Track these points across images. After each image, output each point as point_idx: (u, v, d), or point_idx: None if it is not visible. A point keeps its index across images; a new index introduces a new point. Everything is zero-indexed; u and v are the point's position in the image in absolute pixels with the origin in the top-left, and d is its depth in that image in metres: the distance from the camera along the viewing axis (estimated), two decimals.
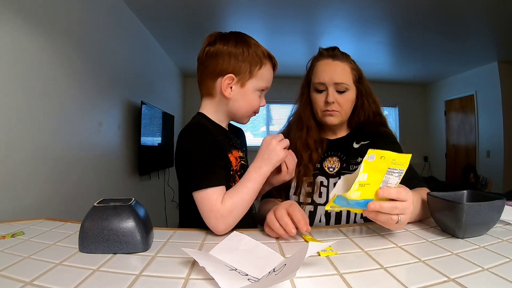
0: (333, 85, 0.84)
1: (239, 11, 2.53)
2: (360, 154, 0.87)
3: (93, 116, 1.83)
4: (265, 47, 0.75)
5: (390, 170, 0.56)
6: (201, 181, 0.62)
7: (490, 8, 2.36)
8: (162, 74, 3.41)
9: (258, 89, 0.74)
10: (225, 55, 0.70)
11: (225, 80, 0.70)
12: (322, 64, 0.87)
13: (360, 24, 2.78)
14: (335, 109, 0.85)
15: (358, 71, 0.88)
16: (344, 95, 0.85)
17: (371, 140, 0.89)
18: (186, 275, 0.43)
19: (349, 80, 0.85)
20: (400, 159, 0.55)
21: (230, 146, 0.74)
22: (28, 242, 0.56)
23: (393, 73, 4.48)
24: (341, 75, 0.84)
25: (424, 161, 5.09)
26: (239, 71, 0.70)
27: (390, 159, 0.55)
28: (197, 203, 0.63)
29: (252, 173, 0.66)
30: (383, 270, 0.44)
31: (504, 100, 3.70)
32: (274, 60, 0.76)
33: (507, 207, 0.67)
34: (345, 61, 0.86)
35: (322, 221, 0.83)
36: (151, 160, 2.69)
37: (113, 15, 2.12)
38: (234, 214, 0.62)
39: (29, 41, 1.28)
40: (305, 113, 0.92)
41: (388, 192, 0.55)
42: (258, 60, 0.71)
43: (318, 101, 0.87)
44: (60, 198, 1.46)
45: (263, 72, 0.73)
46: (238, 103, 0.73)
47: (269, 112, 4.91)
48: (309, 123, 0.91)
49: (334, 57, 0.86)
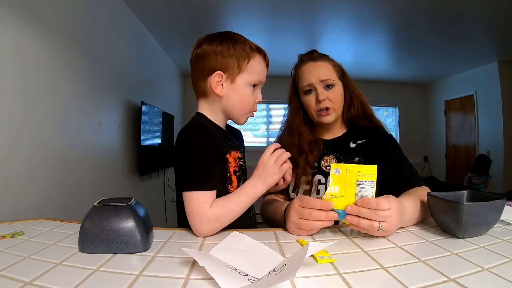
0: (320, 83, 0.88)
1: (239, 11, 2.53)
2: (356, 153, 0.88)
3: (93, 116, 1.83)
4: (254, 42, 0.74)
5: (360, 183, 0.58)
6: (193, 182, 0.62)
7: (490, 8, 2.36)
8: (162, 74, 3.41)
9: (250, 84, 0.73)
10: (212, 53, 0.70)
11: (214, 77, 0.70)
12: (306, 68, 0.91)
13: (360, 24, 2.78)
14: (328, 106, 0.87)
15: (340, 67, 0.93)
16: (332, 91, 0.89)
17: (367, 138, 0.90)
18: (186, 275, 0.43)
19: (334, 76, 0.89)
20: (365, 170, 0.58)
21: (229, 147, 0.73)
22: (28, 242, 0.56)
23: (393, 73, 4.47)
24: (325, 72, 0.88)
25: (424, 161, 5.09)
26: (227, 67, 0.70)
27: (355, 172, 0.59)
28: (185, 203, 0.63)
29: (247, 189, 0.67)
30: (383, 270, 0.44)
31: (504, 100, 3.70)
32: (263, 52, 0.76)
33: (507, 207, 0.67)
34: (326, 60, 0.91)
35: None
36: (151, 160, 2.69)
37: (113, 15, 2.12)
38: (220, 221, 0.62)
39: (29, 41, 1.28)
40: (295, 120, 0.95)
41: (367, 202, 0.57)
42: (246, 54, 0.71)
43: (310, 102, 0.90)
44: (60, 198, 1.46)
45: (253, 65, 0.72)
46: (231, 99, 0.73)
47: (269, 112, 4.91)
48: (299, 129, 0.94)
49: (314, 59, 0.91)
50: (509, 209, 0.70)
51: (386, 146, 0.88)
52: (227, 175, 0.71)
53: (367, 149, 0.88)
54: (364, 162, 0.86)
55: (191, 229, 0.62)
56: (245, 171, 0.81)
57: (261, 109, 4.86)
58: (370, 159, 0.86)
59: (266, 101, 4.78)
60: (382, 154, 0.86)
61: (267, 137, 4.86)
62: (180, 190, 0.65)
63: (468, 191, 0.66)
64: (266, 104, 4.85)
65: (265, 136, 4.87)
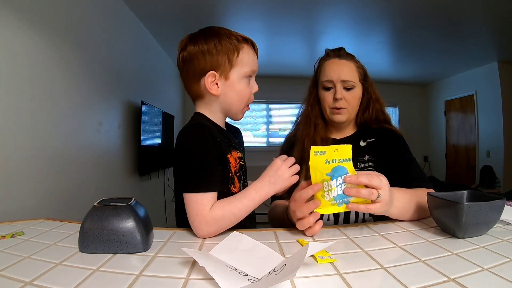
0: (340, 83, 0.87)
1: (239, 11, 2.53)
2: (367, 152, 0.88)
3: (93, 116, 1.83)
4: (238, 32, 0.72)
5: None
6: (194, 184, 0.62)
7: (490, 8, 2.36)
8: (162, 74, 3.41)
9: (244, 76, 0.71)
10: (199, 54, 0.68)
11: (207, 78, 0.69)
12: (330, 63, 0.90)
13: (360, 24, 2.78)
14: (343, 106, 0.87)
15: (364, 70, 0.92)
16: (351, 92, 0.88)
17: (377, 137, 0.90)
18: (186, 275, 0.43)
19: (355, 77, 0.88)
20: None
21: (229, 147, 0.72)
22: (28, 242, 0.56)
23: (393, 73, 4.47)
24: (348, 73, 0.87)
25: (424, 161, 5.09)
26: (218, 65, 0.68)
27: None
28: (185, 204, 0.62)
29: (252, 192, 0.64)
30: (383, 270, 0.44)
31: (504, 100, 3.70)
32: (250, 41, 0.73)
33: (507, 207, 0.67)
34: (351, 60, 0.90)
35: (330, 219, 0.84)
36: (151, 160, 2.69)
37: (113, 15, 2.12)
38: (219, 224, 0.61)
39: (29, 41, 1.28)
40: (313, 112, 0.94)
41: (356, 177, 0.58)
42: (234, 47, 0.69)
43: (327, 98, 0.89)
44: (60, 198, 1.46)
45: (243, 57, 0.70)
46: (228, 96, 0.71)
47: (269, 112, 4.91)
48: (316, 121, 0.93)
49: (340, 57, 0.90)
50: (509, 209, 0.70)
51: (396, 146, 0.88)
52: (229, 175, 0.70)
53: (377, 147, 0.88)
54: (373, 161, 0.86)
55: (191, 229, 0.62)
56: (245, 171, 0.79)
57: (261, 109, 4.85)
58: (379, 158, 0.86)
59: (266, 101, 4.78)
60: (392, 153, 0.86)
61: (267, 137, 4.86)
62: (180, 191, 0.65)
63: (468, 191, 0.66)
64: (266, 104, 4.84)
65: (265, 136, 4.87)
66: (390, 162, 0.83)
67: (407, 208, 0.68)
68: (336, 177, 0.59)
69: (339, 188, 0.59)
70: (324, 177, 0.60)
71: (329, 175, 0.59)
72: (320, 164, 0.60)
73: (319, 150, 0.60)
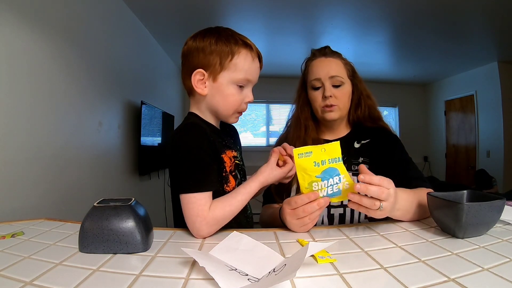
0: (328, 80, 0.87)
1: (239, 11, 2.53)
2: (361, 154, 0.87)
3: (93, 116, 1.83)
4: (244, 36, 0.69)
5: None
6: (191, 184, 0.61)
7: (490, 8, 2.36)
8: (162, 74, 3.41)
9: (235, 83, 0.68)
10: (194, 50, 0.68)
11: (194, 75, 0.67)
12: (316, 62, 0.90)
13: (360, 24, 2.78)
14: (333, 103, 0.86)
15: (351, 67, 0.92)
16: (340, 89, 0.87)
17: (371, 138, 0.89)
18: (186, 275, 0.43)
19: (344, 74, 0.88)
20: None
21: (223, 146, 0.72)
22: (28, 242, 0.56)
23: (393, 73, 4.47)
24: (336, 69, 0.87)
25: (424, 161, 5.09)
26: (208, 64, 0.67)
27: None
28: (182, 205, 0.62)
29: (241, 188, 0.66)
30: (383, 270, 0.44)
31: (504, 100, 3.70)
32: (253, 48, 0.70)
33: (507, 207, 0.67)
34: (337, 57, 0.90)
35: (325, 222, 0.83)
36: (151, 160, 2.69)
37: (113, 15, 2.12)
38: (220, 223, 0.62)
39: (29, 41, 1.28)
40: (303, 114, 0.93)
41: (370, 178, 0.56)
42: (229, 50, 0.66)
43: (316, 97, 0.89)
44: (60, 198, 1.46)
45: (238, 62, 0.67)
46: (214, 99, 0.70)
47: (269, 112, 4.91)
48: (307, 123, 0.92)
49: (326, 55, 0.90)
50: (509, 209, 0.70)
51: (391, 147, 0.87)
52: (223, 174, 0.70)
53: (372, 149, 0.87)
54: (368, 162, 0.85)
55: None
56: (241, 170, 0.78)
57: (261, 109, 4.86)
58: (374, 159, 0.85)
59: (266, 101, 4.78)
60: (387, 154, 0.85)
61: (267, 137, 4.86)
62: (177, 191, 0.64)
63: (468, 191, 0.66)
64: (266, 104, 4.85)
65: (265, 136, 4.87)
66: (386, 163, 0.82)
67: (409, 209, 0.68)
68: (328, 178, 0.59)
69: (329, 188, 0.59)
70: (313, 179, 0.59)
71: (319, 177, 0.59)
72: (309, 167, 0.59)
73: (303, 151, 0.59)
